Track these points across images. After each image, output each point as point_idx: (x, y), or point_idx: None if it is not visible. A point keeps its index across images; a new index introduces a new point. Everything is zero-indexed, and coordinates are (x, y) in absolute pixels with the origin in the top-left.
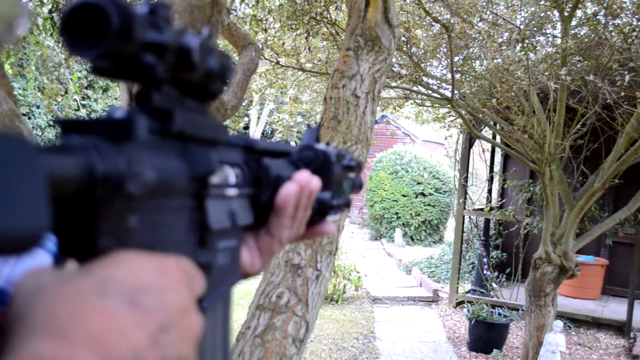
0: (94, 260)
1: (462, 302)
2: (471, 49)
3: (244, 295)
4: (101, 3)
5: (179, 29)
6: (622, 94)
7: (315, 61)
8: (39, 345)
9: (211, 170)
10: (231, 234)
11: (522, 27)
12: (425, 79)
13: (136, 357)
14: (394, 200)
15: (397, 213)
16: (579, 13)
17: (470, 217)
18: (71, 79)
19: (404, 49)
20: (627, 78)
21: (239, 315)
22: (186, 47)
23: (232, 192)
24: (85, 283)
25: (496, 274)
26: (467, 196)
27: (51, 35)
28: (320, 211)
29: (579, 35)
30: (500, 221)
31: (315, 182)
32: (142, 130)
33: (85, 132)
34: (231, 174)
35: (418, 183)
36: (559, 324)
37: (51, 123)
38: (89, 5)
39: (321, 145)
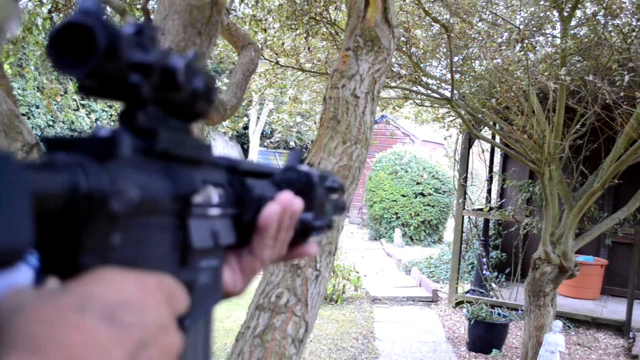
0: (75, 277)
1: (461, 302)
2: (471, 49)
3: (243, 295)
4: (88, 23)
5: (165, 50)
6: (622, 94)
7: (314, 61)
8: None
9: (195, 190)
10: (213, 253)
11: (521, 27)
12: (424, 79)
13: None
14: (394, 201)
15: (396, 213)
16: (578, 13)
17: (469, 217)
18: (70, 79)
19: (404, 49)
20: (626, 78)
21: (238, 315)
22: (171, 68)
23: (214, 211)
24: (64, 300)
25: (495, 274)
26: (467, 196)
27: None
28: (302, 232)
29: (578, 36)
30: (500, 221)
31: (297, 203)
32: (126, 149)
33: (70, 150)
34: (214, 194)
35: (417, 183)
36: (558, 324)
37: (50, 123)
38: (76, 24)
39: (304, 167)
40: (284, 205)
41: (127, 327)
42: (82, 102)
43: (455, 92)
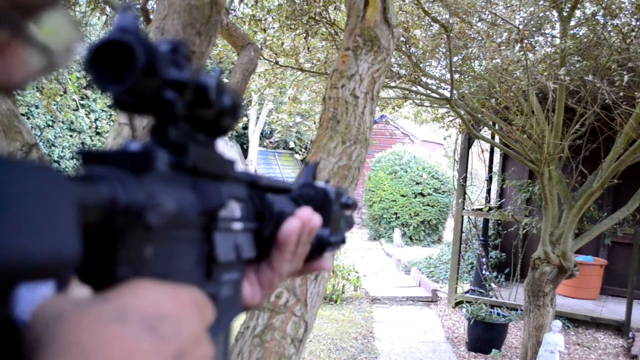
0: (110, 288)
1: (461, 302)
2: (470, 49)
3: None
4: (128, 40)
5: (197, 67)
6: (621, 94)
7: (314, 61)
8: None
9: (222, 204)
10: (235, 266)
11: (521, 27)
12: (424, 79)
13: None
14: (393, 201)
15: (396, 213)
16: (577, 13)
17: (469, 217)
18: (70, 79)
19: (403, 49)
20: (625, 78)
21: None
22: (204, 85)
23: (237, 226)
24: (104, 310)
25: (495, 274)
26: (466, 196)
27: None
28: (319, 247)
29: (577, 36)
30: (499, 221)
31: (316, 219)
32: (161, 163)
33: (105, 163)
34: (237, 208)
35: (417, 183)
36: (557, 323)
37: (50, 123)
38: (115, 42)
39: (321, 183)
40: (304, 220)
41: (165, 339)
42: (82, 102)
43: (454, 92)
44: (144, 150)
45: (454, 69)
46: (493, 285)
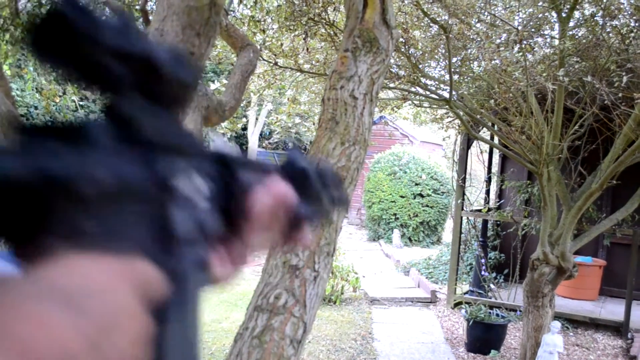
0: (42, 263)
1: (460, 303)
2: (469, 50)
3: (241, 296)
4: (67, 12)
5: (147, 38)
6: (620, 95)
7: (313, 62)
8: None
9: (174, 176)
10: (200, 242)
11: (520, 28)
12: (423, 80)
13: None
14: (392, 201)
15: (395, 214)
16: (576, 14)
17: (468, 218)
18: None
19: (402, 50)
20: (624, 79)
21: (236, 316)
22: (154, 56)
23: (202, 200)
24: (24, 288)
25: (494, 274)
26: (465, 197)
27: None
28: (295, 221)
29: (576, 37)
30: (498, 222)
31: (289, 191)
32: (100, 135)
33: (43, 136)
34: (202, 183)
35: (416, 184)
36: (556, 324)
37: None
38: (56, 15)
39: (301, 160)
40: (276, 192)
41: (86, 313)
42: (81, 103)
43: (453, 93)
44: (84, 123)
45: (453, 69)
46: (492, 286)
